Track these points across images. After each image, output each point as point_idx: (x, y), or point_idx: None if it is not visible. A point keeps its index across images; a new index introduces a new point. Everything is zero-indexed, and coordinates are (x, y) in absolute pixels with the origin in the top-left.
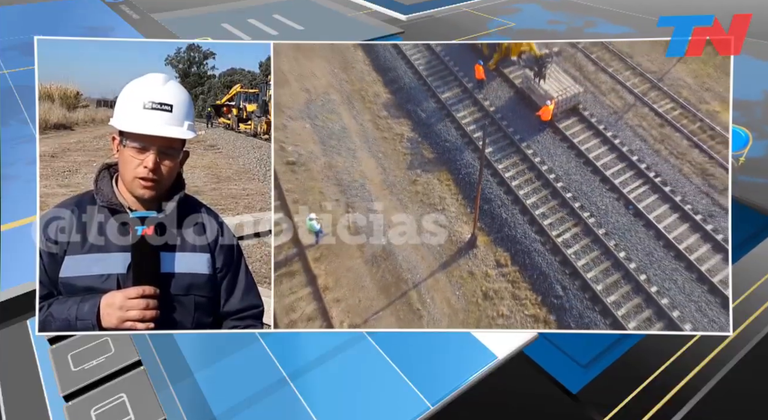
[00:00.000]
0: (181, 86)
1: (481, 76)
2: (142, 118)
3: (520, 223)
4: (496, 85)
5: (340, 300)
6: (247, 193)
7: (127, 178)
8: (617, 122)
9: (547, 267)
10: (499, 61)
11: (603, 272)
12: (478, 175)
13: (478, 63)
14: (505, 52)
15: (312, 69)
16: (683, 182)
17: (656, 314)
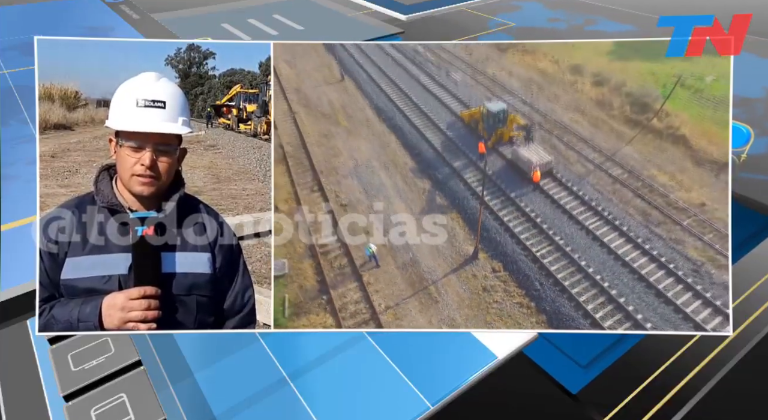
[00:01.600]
0: (173, 83)
1: (482, 150)
2: (136, 116)
3: (509, 243)
4: (493, 157)
5: (379, 291)
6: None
7: (125, 176)
8: (580, 181)
9: (528, 271)
10: (495, 142)
11: (570, 273)
12: (479, 214)
13: (480, 141)
14: (499, 136)
15: (358, 145)
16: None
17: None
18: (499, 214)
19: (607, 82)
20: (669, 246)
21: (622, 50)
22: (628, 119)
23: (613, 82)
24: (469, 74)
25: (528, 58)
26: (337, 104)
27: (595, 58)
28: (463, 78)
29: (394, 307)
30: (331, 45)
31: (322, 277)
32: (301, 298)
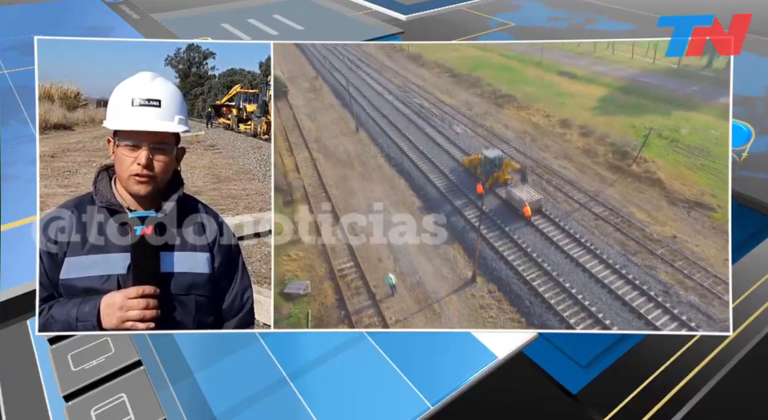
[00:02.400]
0: (169, 82)
1: (480, 191)
2: (132, 115)
3: (503, 269)
4: (490, 196)
5: (390, 307)
6: (247, 193)
7: (122, 176)
8: (567, 217)
9: (519, 292)
10: (492, 184)
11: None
12: (477, 245)
13: (479, 183)
14: (495, 178)
15: (371, 187)
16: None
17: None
18: (495, 244)
19: (593, 134)
20: (643, 271)
21: (606, 106)
22: (611, 165)
23: (598, 134)
24: (470, 127)
25: (523, 113)
26: (352, 152)
27: (582, 113)
28: (464, 130)
29: (403, 320)
30: (347, 102)
31: (341, 296)
32: (323, 313)
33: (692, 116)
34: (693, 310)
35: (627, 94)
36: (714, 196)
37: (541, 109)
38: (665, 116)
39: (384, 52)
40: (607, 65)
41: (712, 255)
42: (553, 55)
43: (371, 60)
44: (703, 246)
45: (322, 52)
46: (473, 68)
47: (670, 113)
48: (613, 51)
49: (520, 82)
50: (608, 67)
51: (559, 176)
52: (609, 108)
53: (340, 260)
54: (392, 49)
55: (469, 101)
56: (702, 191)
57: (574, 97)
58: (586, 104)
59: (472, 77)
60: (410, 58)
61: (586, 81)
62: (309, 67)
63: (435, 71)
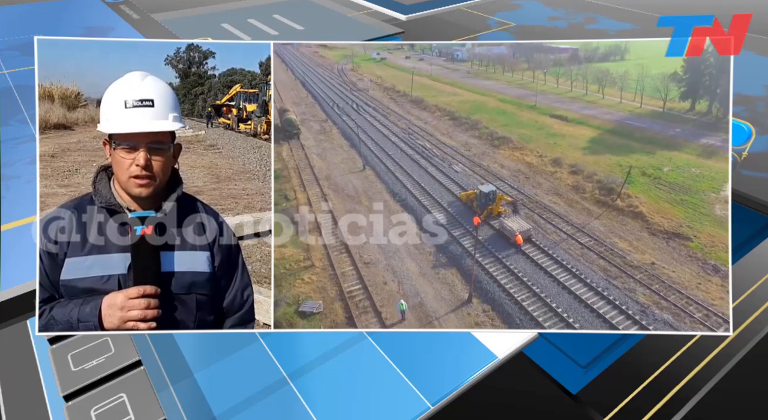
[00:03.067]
0: (160, 81)
1: (476, 223)
2: (126, 117)
3: (497, 291)
4: (485, 227)
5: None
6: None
7: (122, 178)
8: (555, 246)
9: (511, 311)
10: (486, 216)
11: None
12: (473, 270)
13: (475, 216)
14: (489, 211)
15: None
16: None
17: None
18: (489, 269)
19: (582, 172)
20: (623, 293)
21: (595, 146)
22: (597, 200)
23: (586, 172)
24: (468, 166)
25: (517, 153)
26: (360, 189)
27: (573, 153)
28: (463, 169)
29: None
30: (355, 143)
31: (350, 315)
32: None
33: (674, 155)
34: (666, 326)
35: (615, 135)
36: (691, 227)
37: (535, 150)
38: (649, 155)
39: (389, 97)
40: (597, 109)
41: (687, 279)
42: (547, 99)
43: (377, 104)
44: (679, 272)
45: (332, 97)
46: (472, 112)
47: (654, 153)
48: (603, 96)
49: (516, 125)
50: (598, 110)
51: (549, 210)
52: (597, 148)
53: (348, 283)
54: (396, 93)
55: (467, 142)
56: (680, 223)
57: (565, 138)
58: (577, 145)
59: (470, 120)
60: (413, 102)
61: (577, 123)
62: (319, 110)
63: (436, 114)
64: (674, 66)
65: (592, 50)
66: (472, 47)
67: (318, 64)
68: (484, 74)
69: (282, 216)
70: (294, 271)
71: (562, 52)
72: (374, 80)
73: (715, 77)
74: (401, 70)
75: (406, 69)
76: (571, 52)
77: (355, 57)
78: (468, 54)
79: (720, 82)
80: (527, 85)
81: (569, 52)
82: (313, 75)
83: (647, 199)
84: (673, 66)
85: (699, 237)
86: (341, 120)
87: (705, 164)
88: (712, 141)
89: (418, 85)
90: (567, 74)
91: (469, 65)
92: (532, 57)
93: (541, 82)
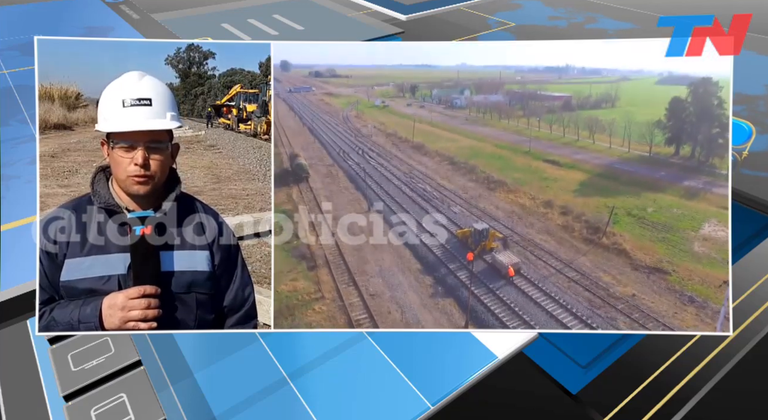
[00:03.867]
0: (157, 79)
1: (470, 258)
2: (124, 116)
3: (490, 319)
4: (479, 261)
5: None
6: (247, 193)
7: (120, 178)
8: (544, 280)
9: None
10: (480, 251)
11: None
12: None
13: (469, 251)
14: (483, 247)
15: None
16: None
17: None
18: (483, 299)
19: (571, 213)
20: (605, 321)
21: (584, 189)
22: (585, 238)
23: (576, 213)
24: (466, 208)
25: (511, 196)
26: (365, 228)
27: (564, 195)
28: (461, 210)
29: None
30: (360, 186)
31: None
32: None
33: (658, 197)
34: None
35: (603, 178)
36: (670, 262)
37: (528, 192)
38: (635, 197)
39: (391, 142)
40: (587, 154)
41: (664, 309)
42: (541, 144)
43: (380, 149)
44: (657, 303)
45: (337, 143)
46: (470, 157)
47: (640, 194)
48: (594, 141)
49: (510, 169)
50: (589, 155)
51: (540, 248)
52: (586, 191)
53: (356, 312)
54: (399, 139)
55: (465, 186)
56: (660, 259)
57: (557, 181)
58: (567, 187)
59: (468, 165)
60: (414, 147)
61: (569, 167)
62: (326, 155)
63: (436, 160)
64: (659, 113)
65: (584, 98)
66: (470, 95)
67: (324, 112)
68: (482, 121)
69: (296, 252)
70: (306, 302)
71: (555, 100)
72: (377, 126)
73: (696, 125)
74: (403, 117)
75: (407, 116)
76: (564, 99)
77: (359, 104)
78: (466, 101)
79: (701, 129)
80: (522, 131)
81: (562, 99)
82: (320, 122)
83: (631, 237)
84: (658, 113)
85: (677, 271)
86: (347, 164)
87: (686, 205)
88: (694, 183)
89: (420, 132)
90: (560, 121)
91: (467, 112)
92: (527, 104)
93: (536, 129)
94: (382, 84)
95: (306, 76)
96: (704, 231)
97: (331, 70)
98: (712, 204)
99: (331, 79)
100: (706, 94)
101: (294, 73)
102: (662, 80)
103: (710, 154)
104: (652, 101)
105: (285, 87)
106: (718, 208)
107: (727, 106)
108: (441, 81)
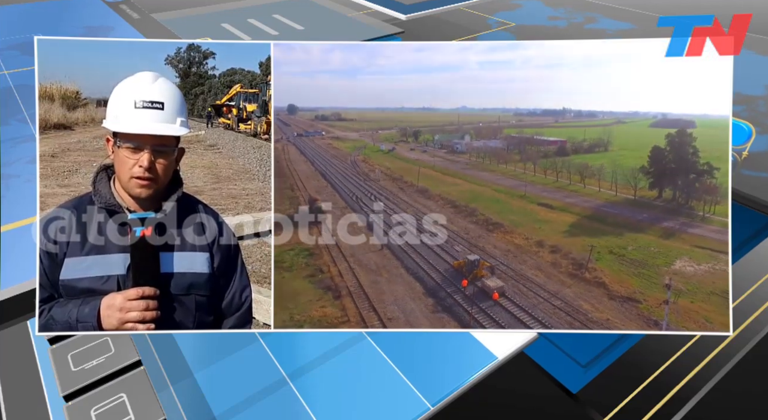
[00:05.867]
0: (171, 83)
1: (464, 285)
2: (135, 117)
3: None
4: (471, 287)
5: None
6: (247, 193)
7: (123, 178)
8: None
9: None
10: (472, 279)
11: None
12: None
13: (464, 279)
14: (475, 274)
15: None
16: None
17: None
18: (476, 317)
19: (560, 251)
20: None
21: (573, 230)
22: (570, 273)
23: (563, 251)
24: (467, 247)
25: (508, 236)
26: (379, 264)
27: (554, 236)
28: (463, 249)
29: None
30: (371, 223)
31: None
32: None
33: (639, 237)
34: None
35: (591, 220)
36: (642, 293)
37: (522, 233)
38: (618, 237)
39: (398, 186)
40: (578, 197)
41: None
42: (535, 189)
43: (387, 193)
44: (627, 325)
45: (348, 187)
46: (470, 200)
47: (623, 235)
48: (584, 186)
49: (507, 212)
50: (579, 198)
51: (531, 281)
52: (575, 231)
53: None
54: (404, 183)
55: (466, 227)
56: (634, 291)
57: (548, 223)
58: (558, 229)
59: (469, 208)
60: (419, 191)
61: (560, 210)
62: (339, 198)
63: (439, 203)
64: (642, 160)
65: (578, 142)
66: (470, 140)
67: (333, 156)
68: (481, 166)
69: (321, 284)
70: (335, 325)
71: (551, 145)
72: (384, 171)
73: (676, 171)
74: (407, 162)
75: (412, 161)
76: (559, 144)
77: (366, 148)
78: (467, 147)
79: (679, 175)
80: (519, 176)
81: (557, 144)
82: (331, 166)
83: (610, 272)
84: (641, 160)
85: (648, 301)
86: (358, 207)
87: (663, 244)
88: (672, 224)
89: (424, 176)
90: (553, 166)
91: (467, 157)
92: (523, 149)
93: (531, 174)
94: (385, 128)
95: (312, 119)
96: (675, 267)
97: (336, 113)
98: (686, 243)
99: (337, 122)
100: (681, 144)
101: (300, 117)
102: (656, 123)
103: (689, 197)
104: (642, 145)
105: (293, 131)
106: (691, 247)
107: (702, 155)
108: (443, 125)
